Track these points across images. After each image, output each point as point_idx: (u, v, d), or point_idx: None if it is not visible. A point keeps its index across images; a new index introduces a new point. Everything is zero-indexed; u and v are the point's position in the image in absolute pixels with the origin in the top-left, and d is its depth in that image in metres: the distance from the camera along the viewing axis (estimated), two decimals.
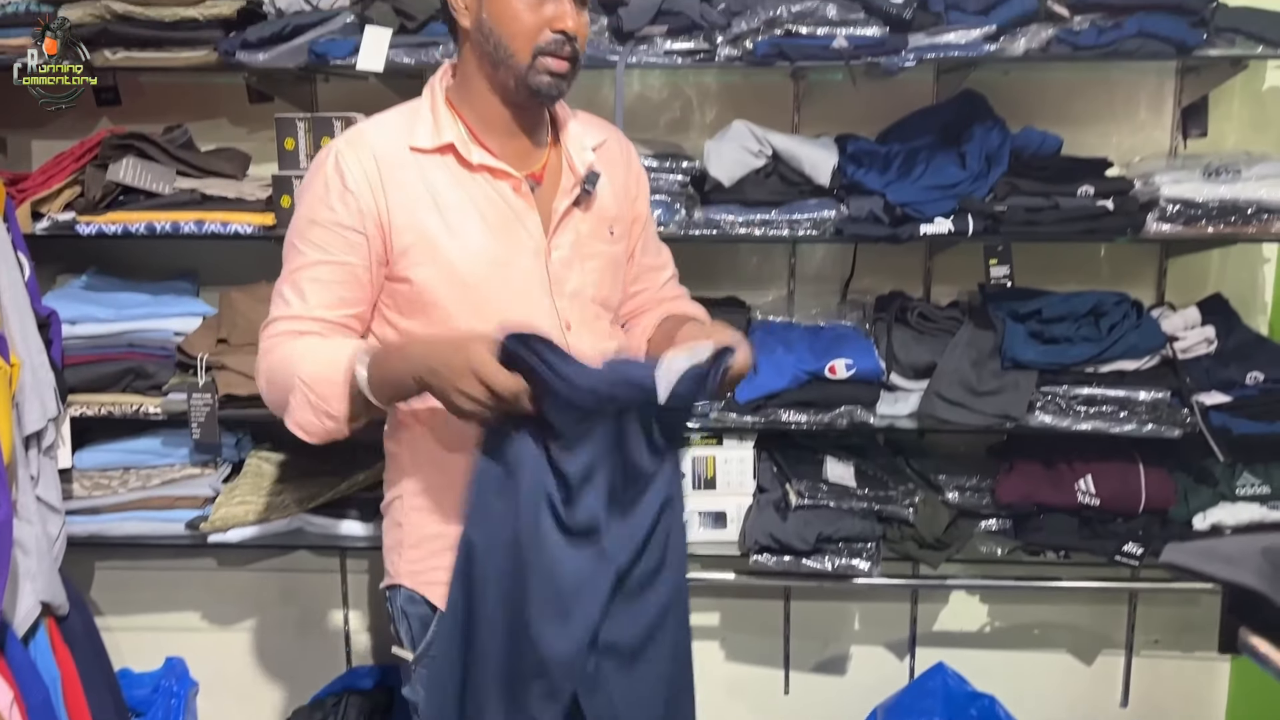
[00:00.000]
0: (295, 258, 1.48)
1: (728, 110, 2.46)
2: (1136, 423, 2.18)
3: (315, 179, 1.48)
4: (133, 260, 2.52)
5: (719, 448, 2.36)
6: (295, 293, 1.47)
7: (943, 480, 2.37)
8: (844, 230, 2.19)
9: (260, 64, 2.15)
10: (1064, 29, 2.08)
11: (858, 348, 2.26)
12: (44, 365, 2.05)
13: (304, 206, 1.48)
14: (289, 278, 1.48)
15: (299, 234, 1.48)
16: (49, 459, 2.10)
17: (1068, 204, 2.15)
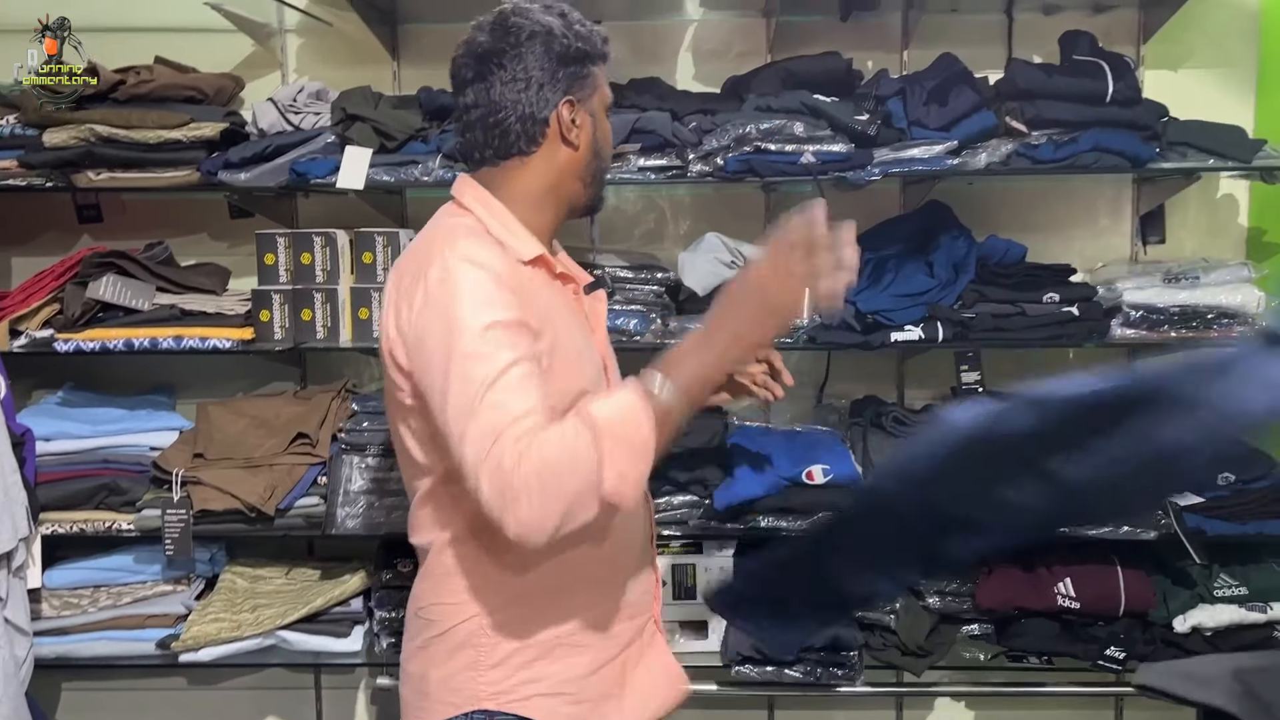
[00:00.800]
0: (481, 366, 1.28)
1: (701, 221, 2.52)
2: (1112, 525, 2.19)
3: (464, 288, 1.32)
4: (110, 374, 2.52)
5: (699, 555, 2.35)
6: (512, 394, 1.28)
7: (923, 585, 2.36)
8: (817, 338, 2.23)
9: (242, 183, 2.19)
10: (1023, 144, 2.16)
11: (834, 453, 2.28)
12: (16, 484, 2.03)
13: (467, 315, 1.31)
14: (490, 390, 1.27)
15: (474, 347, 1.29)
16: (18, 579, 2.07)
17: (1034, 310, 2.20)
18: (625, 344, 2.26)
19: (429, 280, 1.34)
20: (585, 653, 1.48)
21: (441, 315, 1.32)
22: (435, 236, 1.43)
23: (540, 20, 1.46)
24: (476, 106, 1.47)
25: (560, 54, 1.46)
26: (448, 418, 1.30)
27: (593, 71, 1.50)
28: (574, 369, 1.42)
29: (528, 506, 1.23)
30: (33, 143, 2.21)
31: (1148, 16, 2.42)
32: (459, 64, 1.50)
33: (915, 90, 2.21)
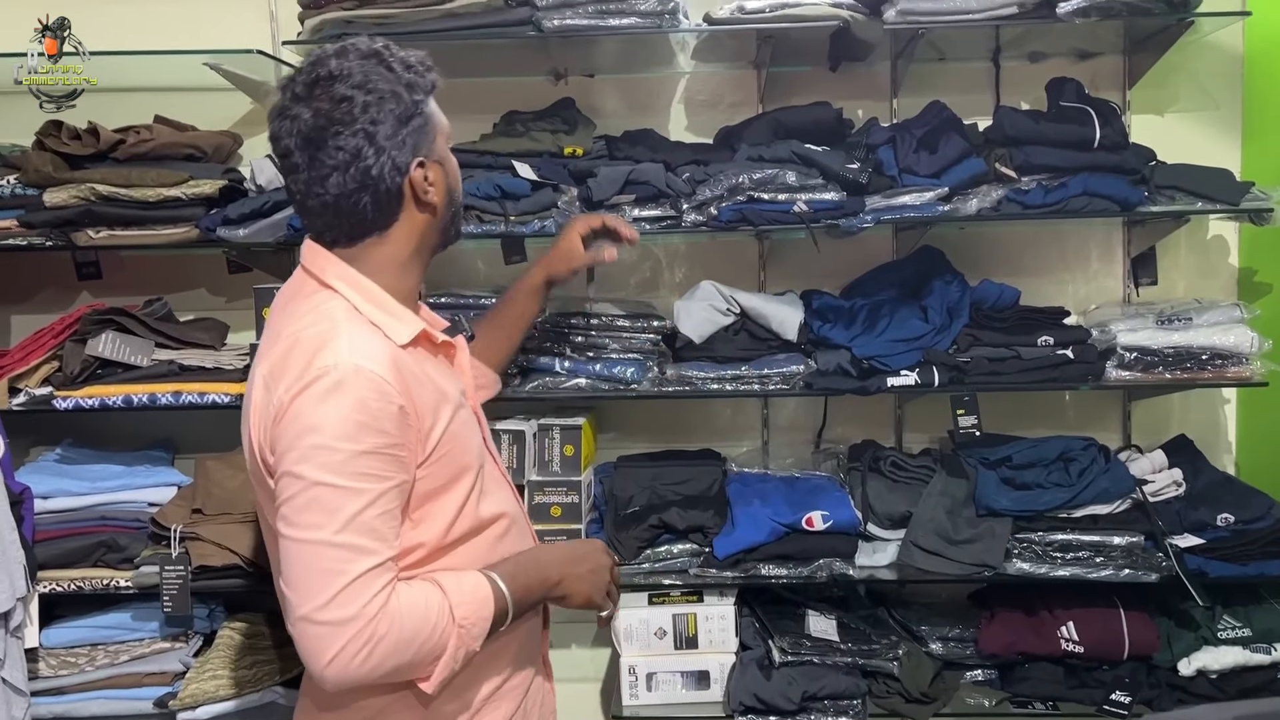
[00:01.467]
0: (351, 500, 1.25)
1: (696, 269, 2.54)
2: (1113, 568, 2.19)
3: (348, 406, 1.26)
4: (109, 429, 2.52)
5: (700, 604, 2.34)
6: (375, 539, 1.27)
7: (925, 631, 2.35)
8: (813, 384, 2.23)
9: (240, 239, 2.21)
10: (1013, 189, 2.18)
11: (833, 499, 2.28)
12: (15, 543, 2.03)
13: (339, 438, 1.25)
14: (353, 523, 1.25)
15: (343, 471, 1.25)
16: (16, 639, 2.05)
17: (1029, 354, 2.21)
18: (623, 392, 2.27)
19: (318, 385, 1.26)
20: (497, 709, 1.50)
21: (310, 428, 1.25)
22: (312, 326, 1.33)
23: (367, 79, 1.34)
24: (315, 195, 1.37)
25: (399, 115, 1.36)
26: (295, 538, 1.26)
27: (428, 112, 1.40)
28: (462, 444, 1.42)
29: (361, 661, 1.24)
30: (33, 202, 2.22)
31: (1133, 62, 2.46)
32: (283, 144, 1.36)
33: (905, 138, 2.24)
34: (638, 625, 2.32)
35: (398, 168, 1.37)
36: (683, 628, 2.32)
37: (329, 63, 1.36)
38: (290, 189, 1.41)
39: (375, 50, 1.37)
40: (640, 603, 2.35)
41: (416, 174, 1.39)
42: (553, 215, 2.21)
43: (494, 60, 2.42)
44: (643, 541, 2.31)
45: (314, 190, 1.37)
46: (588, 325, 2.30)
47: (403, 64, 1.38)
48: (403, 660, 1.28)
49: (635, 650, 2.32)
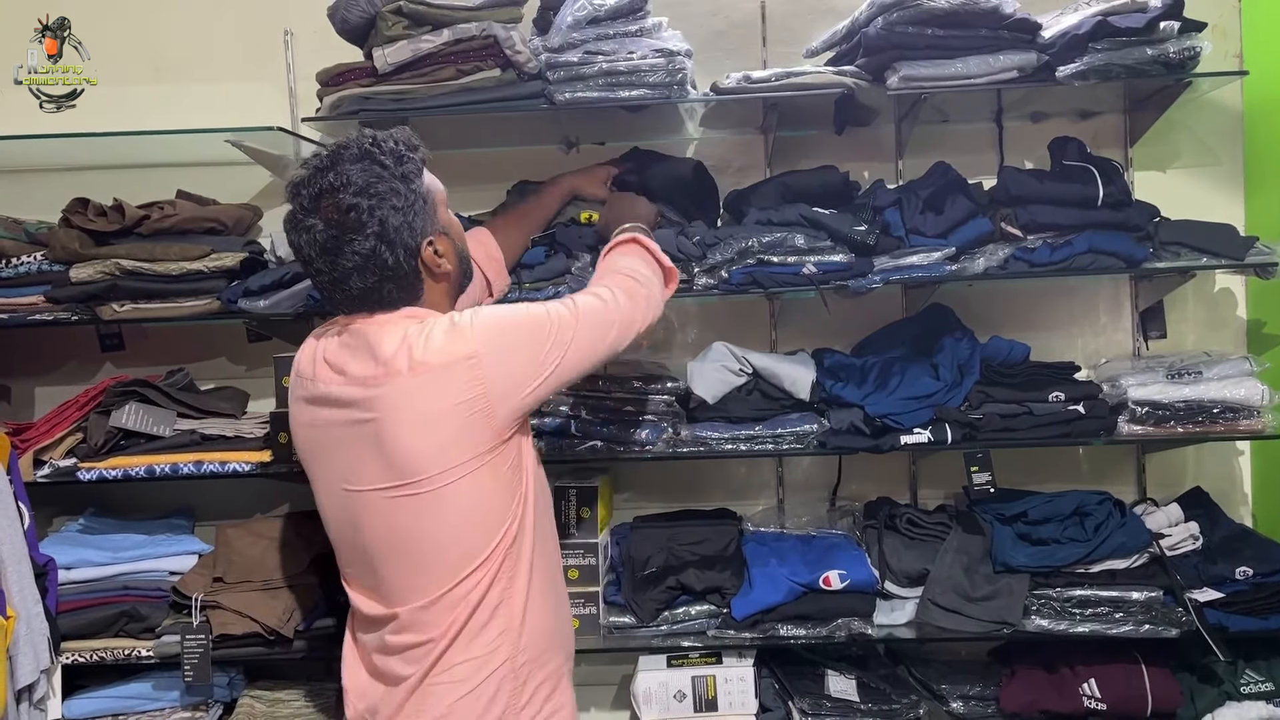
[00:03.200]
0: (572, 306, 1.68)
1: (708, 330, 2.57)
2: (1133, 623, 2.18)
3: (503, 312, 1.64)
4: (131, 498, 2.55)
5: (719, 666, 2.33)
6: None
7: (946, 689, 2.33)
8: (827, 443, 2.25)
9: (261, 310, 2.26)
10: (1019, 248, 2.21)
11: (850, 558, 2.28)
12: (39, 616, 2.05)
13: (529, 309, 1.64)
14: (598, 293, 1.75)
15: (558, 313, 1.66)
16: (39, 712, 2.07)
17: (1041, 409, 2.22)
18: (637, 454, 2.29)
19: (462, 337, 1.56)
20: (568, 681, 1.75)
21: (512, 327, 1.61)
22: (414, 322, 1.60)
23: (367, 185, 1.51)
24: (343, 291, 1.59)
25: (402, 208, 1.54)
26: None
27: (424, 191, 1.58)
28: None
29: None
30: (59, 278, 2.28)
31: (1133, 121, 2.51)
32: (304, 254, 1.58)
33: (911, 199, 2.28)
34: (657, 688, 2.32)
35: (411, 252, 1.57)
36: (702, 690, 2.31)
37: (327, 175, 1.52)
38: (318, 286, 1.60)
39: (366, 151, 1.54)
40: (659, 665, 2.34)
41: (427, 252, 1.59)
42: (566, 281, 2.25)
43: (506, 130, 2.48)
44: (660, 603, 2.31)
45: (340, 288, 1.58)
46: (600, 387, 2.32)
47: (394, 156, 1.55)
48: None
49: (655, 713, 2.31)
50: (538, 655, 1.65)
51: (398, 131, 1.60)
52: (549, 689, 1.67)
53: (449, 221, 1.67)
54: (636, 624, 2.31)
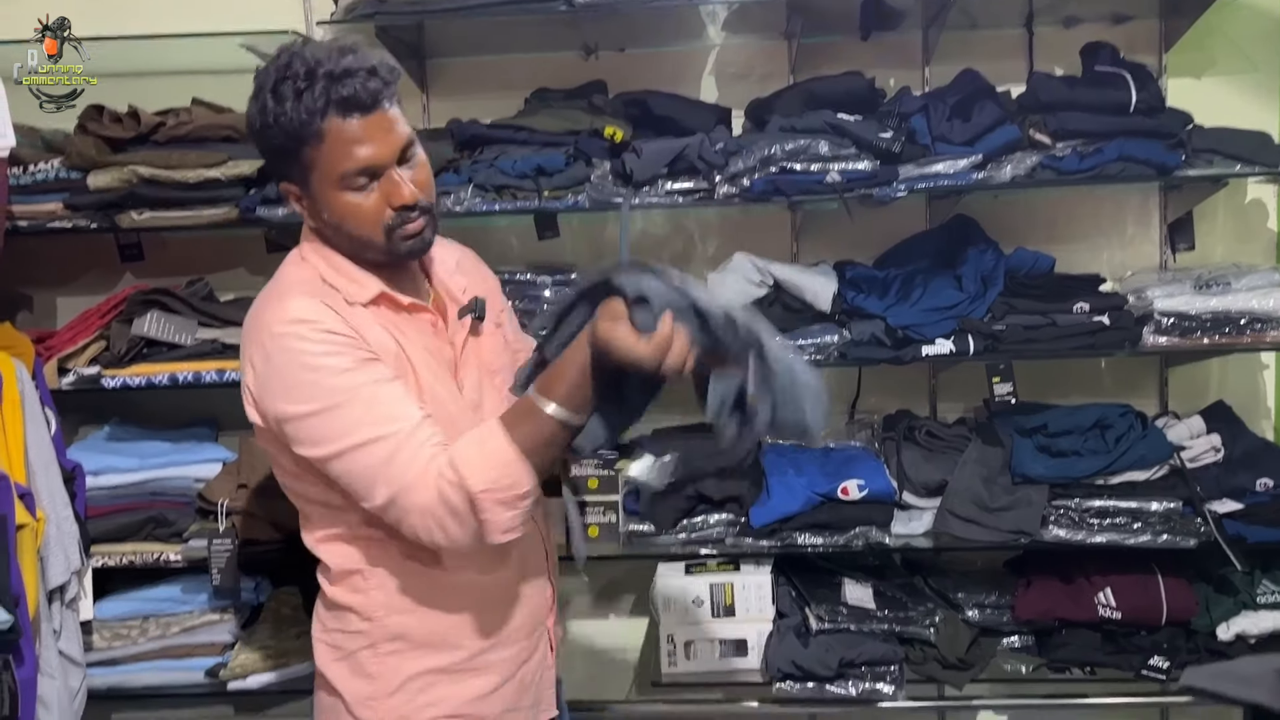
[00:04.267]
0: (351, 406, 1.37)
1: (729, 243, 2.55)
2: (1151, 534, 2.19)
3: (308, 344, 1.38)
4: (154, 409, 2.57)
5: (736, 573, 2.36)
6: (387, 420, 1.37)
7: (961, 598, 2.36)
8: (848, 354, 2.24)
9: (279, 219, 2.25)
10: (1047, 155, 2.17)
11: (868, 468, 2.29)
12: (68, 518, 2.08)
13: (319, 368, 1.37)
14: (363, 423, 1.36)
15: (337, 387, 1.37)
16: (71, 612, 2.11)
17: (1064, 321, 2.20)
18: None
19: (264, 349, 1.40)
20: (487, 674, 1.55)
21: (284, 392, 1.39)
22: (270, 294, 1.46)
23: (252, 110, 1.40)
24: None
25: (265, 148, 1.43)
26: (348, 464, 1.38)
27: (303, 155, 1.38)
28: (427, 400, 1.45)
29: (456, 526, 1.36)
30: (77, 185, 2.27)
31: (1168, 26, 2.43)
32: None
33: (938, 106, 2.23)
34: (676, 594, 2.35)
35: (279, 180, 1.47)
36: (720, 596, 2.34)
37: (257, 88, 1.40)
38: None
39: (274, 83, 1.38)
40: (678, 572, 2.38)
41: (283, 190, 1.47)
42: (586, 190, 2.22)
43: (525, 36, 2.43)
44: (679, 512, 2.33)
45: None
46: None
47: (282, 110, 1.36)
48: None
49: (673, 619, 2.35)
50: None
51: (359, 57, 1.39)
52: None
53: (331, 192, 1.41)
54: (655, 532, 2.33)
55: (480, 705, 1.54)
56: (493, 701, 1.55)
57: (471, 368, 1.57)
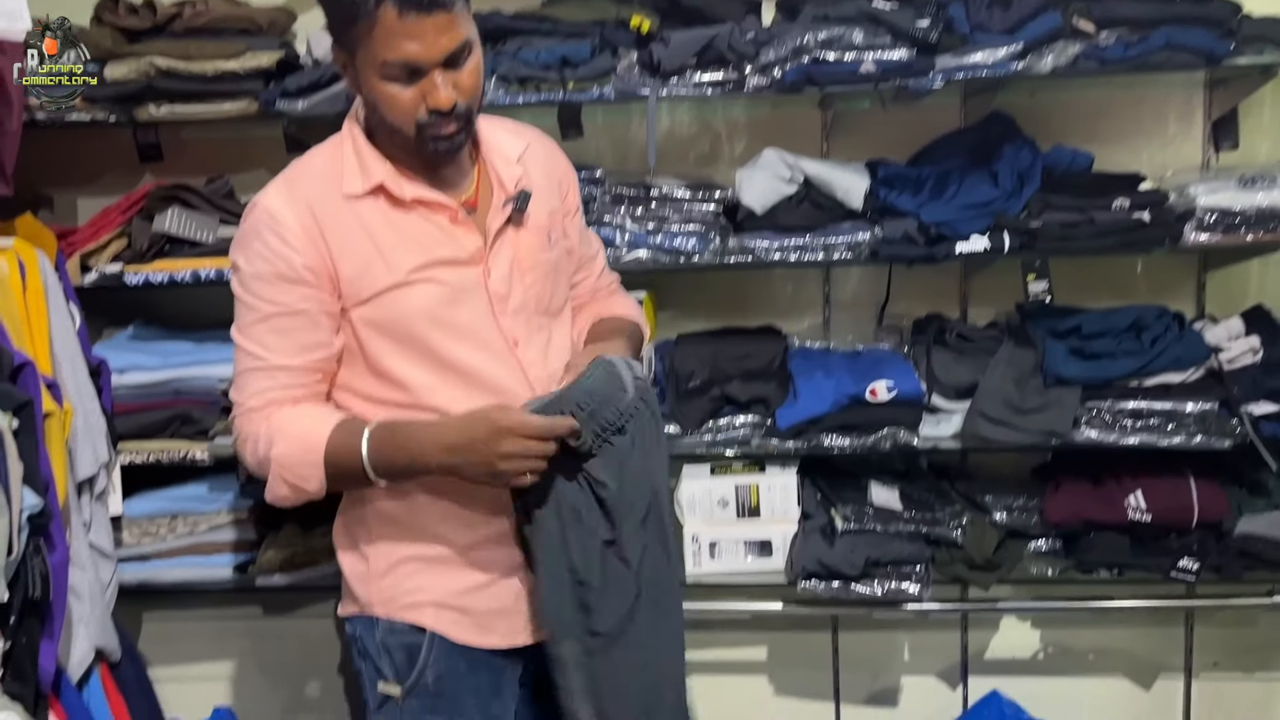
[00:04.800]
0: (247, 312, 1.50)
1: (757, 142, 2.48)
2: (1185, 435, 2.16)
3: (250, 236, 1.48)
4: (176, 311, 2.56)
5: (762, 475, 2.35)
6: (259, 345, 1.50)
7: (989, 501, 2.34)
8: (879, 252, 2.20)
9: (300, 112, 2.20)
10: (1090, 44, 2.10)
11: (897, 369, 2.26)
12: (96, 411, 2.08)
13: (244, 262, 1.49)
14: (246, 331, 1.50)
15: (245, 288, 1.49)
16: (100, 505, 2.13)
17: (1103, 218, 2.15)
18: (683, 265, 2.25)
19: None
20: (475, 570, 1.57)
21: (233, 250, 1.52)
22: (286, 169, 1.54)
23: None
24: None
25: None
26: None
27: (353, 30, 1.39)
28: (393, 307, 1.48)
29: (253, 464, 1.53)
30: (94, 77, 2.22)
31: None
32: None
33: None
34: (700, 495, 2.34)
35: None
36: (745, 497, 2.34)
37: None
38: None
39: None
40: (703, 473, 2.37)
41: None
42: (612, 81, 2.17)
43: None
44: (705, 414, 2.32)
45: None
46: (647, 197, 2.27)
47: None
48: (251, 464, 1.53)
49: (698, 520, 2.35)
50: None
51: None
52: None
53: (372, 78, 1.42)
54: (681, 433, 2.32)
55: (466, 599, 1.56)
56: (481, 598, 1.57)
57: (503, 259, 1.55)
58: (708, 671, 2.68)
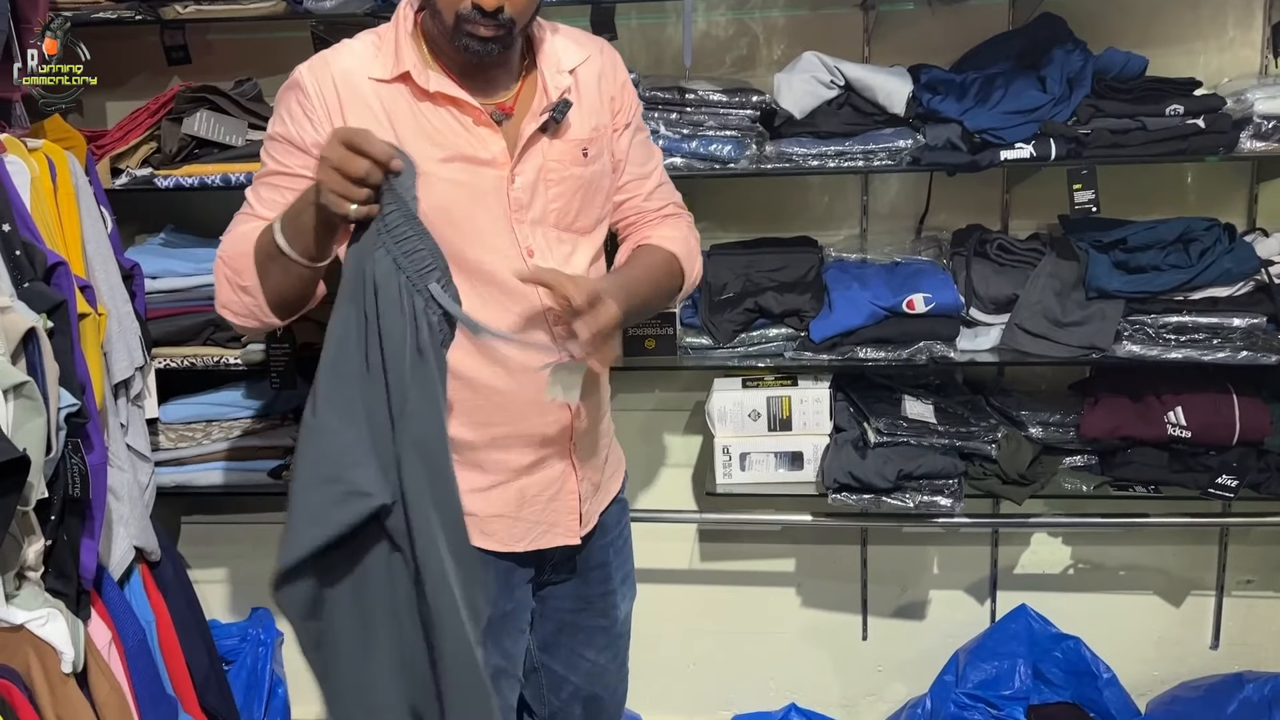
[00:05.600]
0: (261, 167, 1.55)
1: (795, 46, 2.41)
2: (1230, 350, 2.11)
3: (279, 99, 1.53)
4: (207, 217, 2.54)
5: (794, 388, 2.33)
6: (254, 197, 1.54)
7: (1025, 416, 2.31)
8: (921, 159, 2.14)
9: (327, 10, 2.16)
10: None
11: (936, 281, 2.22)
12: (129, 315, 2.09)
13: (272, 120, 1.54)
14: (254, 184, 1.55)
15: (265, 146, 1.55)
16: (137, 408, 2.15)
17: (1155, 124, 2.07)
18: (719, 171, 2.20)
19: None
20: (477, 471, 1.56)
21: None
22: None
23: None
24: None
25: None
26: None
27: None
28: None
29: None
30: None
31: None
32: None
33: None
34: (731, 407, 2.33)
35: None
36: (777, 410, 2.32)
37: None
38: None
39: None
40: (734, 386, 2.35)
41: None
42: None
43: None
44: (738, 325, 2.29)
45: None
46: (682, 101, 2.21)
47: None
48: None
49: (729, 432, 2.34)
50: None
51: None
52: None
53: None
54: (713, 345, 2.29)
55: (467, 500, 1.52)
56: (484, 500, 1.57)
57: (530, 167, 1.53)
58: (736, 582, 2.70)
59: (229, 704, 2.29)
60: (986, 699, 2.44)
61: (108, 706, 1.79)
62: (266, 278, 1.43)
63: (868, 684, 2.73)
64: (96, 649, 1.83)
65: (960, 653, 2.59)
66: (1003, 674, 2.50)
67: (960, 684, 2.50)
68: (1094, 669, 2.45)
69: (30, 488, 1.56)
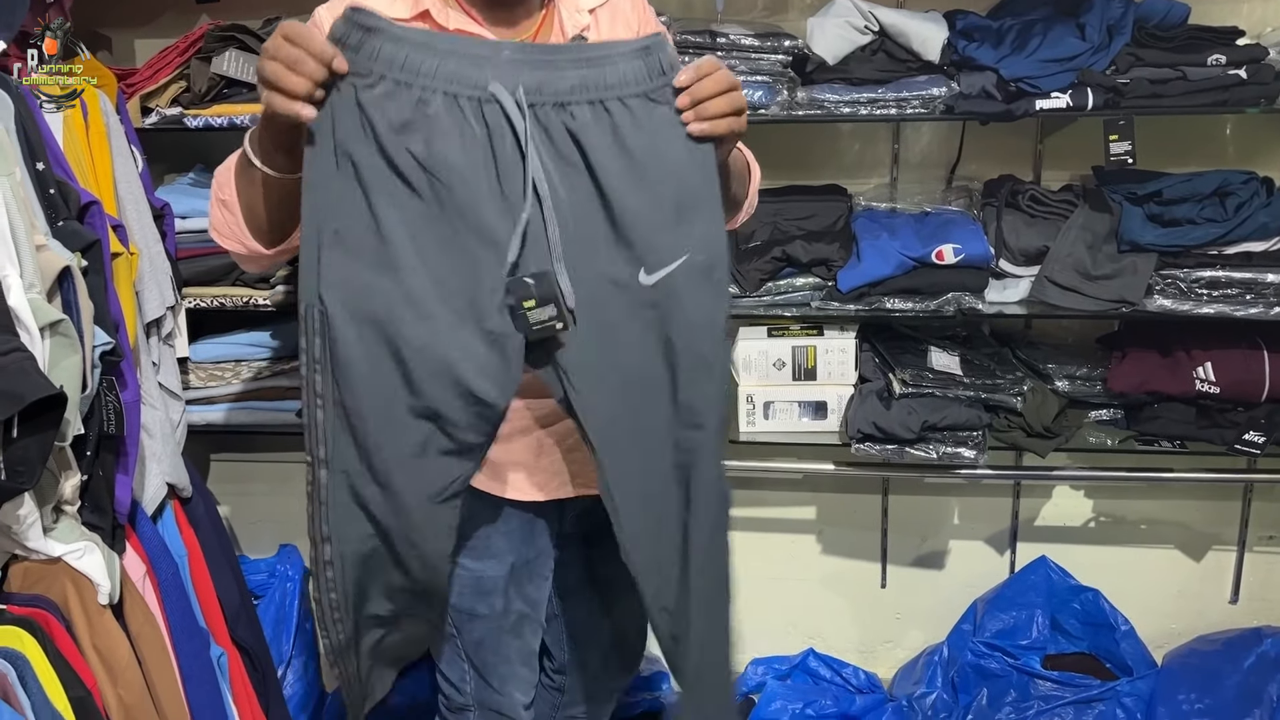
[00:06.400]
0: None
1: None
2: (1264, 305, 2.09)
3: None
4: None
5: (819, 338, 2.33)
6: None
7: (1051, 370, 2.30)
8: (955, 108, 2.11)
9: None
10: None
11: (966, 232, 2.20)
12: (160, 254, 2.10)
13: None
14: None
15: None
16: (168, 347, 2.16)
17: (1196, 74, 2.03)
18: (751, 118, 2.17)
19: None
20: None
21: None
22: None
23: None
24: None
25: None
26: None
27: None
28: None
29: None
30: None
31: None
32: None
33: None
34: (756, 356, 2.33)
35: None
36: (802, 359, 2.32)
37: None
38: None
39: None
40: (759, 335, 2.35)
41: None
42: None
43: None
44: (764, 274, 2.28)
45: None
46: (714, 45, 2.18)
47: None
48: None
49: (753, 380, 2.35)
50: None
51: None
52: None
53: None
54: (740, 294, 2.29)
55: None
56: (503, 449, 1.55)
57: None
58: (757, 529, 2.73)
59: (259, 637, 2.34)
60: (1004, 648, 2.46)
61: (142, 637, 1.83)
62: (241, 193, 1.42)
63: (886, 631, 2.77)
64: (132, 581, 1.87)
65: (979, 602, 2.62)
66: (1020, 624, 2.52)
67: (978, 633, 2.52)
68: (1112, 621, 2.46)
69: (66, 424, 1.58)
